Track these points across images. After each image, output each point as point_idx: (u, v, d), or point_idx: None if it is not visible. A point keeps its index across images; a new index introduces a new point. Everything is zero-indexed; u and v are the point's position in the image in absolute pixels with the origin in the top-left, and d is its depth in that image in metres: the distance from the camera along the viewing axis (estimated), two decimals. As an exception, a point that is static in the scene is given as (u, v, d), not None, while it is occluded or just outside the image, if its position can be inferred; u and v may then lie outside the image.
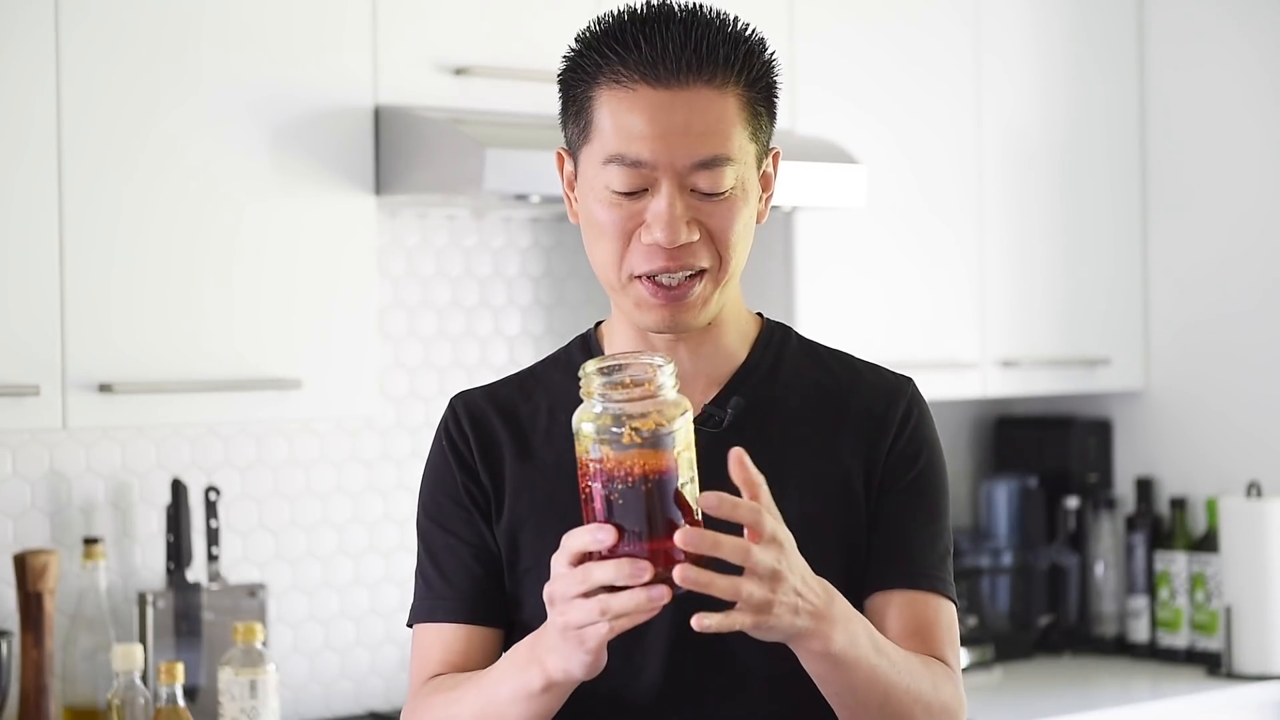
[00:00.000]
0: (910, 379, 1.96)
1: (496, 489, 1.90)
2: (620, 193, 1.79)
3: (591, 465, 1.59)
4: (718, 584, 1.57)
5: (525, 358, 3.70)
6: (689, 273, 1.81)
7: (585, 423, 1.60)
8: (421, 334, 3.61)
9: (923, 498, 1.90)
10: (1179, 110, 4.29)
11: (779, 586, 1.60)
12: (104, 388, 2.88)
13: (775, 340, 1.94)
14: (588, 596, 1.59)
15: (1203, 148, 4.26)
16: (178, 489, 3.23)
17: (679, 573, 1.55)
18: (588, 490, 1.60)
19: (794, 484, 1.84)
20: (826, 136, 3.66)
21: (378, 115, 3.17)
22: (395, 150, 3.15)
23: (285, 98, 3.07)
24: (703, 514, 1.59)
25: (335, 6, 3.13)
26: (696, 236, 1.79)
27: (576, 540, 1.61)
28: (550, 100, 3.34)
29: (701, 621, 1.57)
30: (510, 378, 2.00)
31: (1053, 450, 4.39)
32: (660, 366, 1.61)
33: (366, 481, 3.55)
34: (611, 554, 1.58)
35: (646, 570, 1.56)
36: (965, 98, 4.00)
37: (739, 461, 1.61)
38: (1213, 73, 4.25)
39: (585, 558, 1.60)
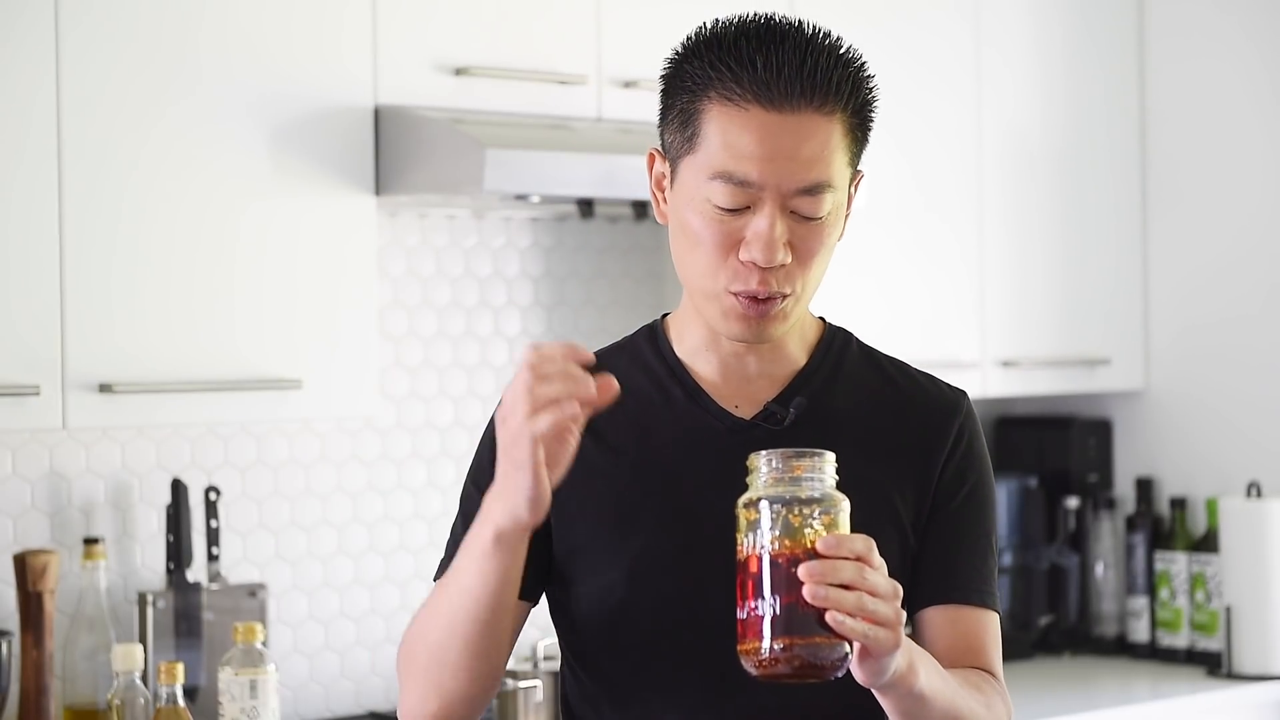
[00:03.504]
0: (964, 393, 2.01)
1: None
2: (723, 209, 1.83)
3: (784, 539, 1.65)
4: (845, 600, 1.62)
5: (525, 358, 3.70)
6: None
7: (778, 504, 1.66)
8: (421, 334, 3.61)
9: (974, 514, 1.96)
10: (1179, 110, 4.29)
11: (898, 609, 1.66)
12: (104, 388, 2.88)
13: (836, 345, 1.99)
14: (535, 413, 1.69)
15: (1203, 147, 4.26)
16: (178, 489, 3.23)
17: (807, 591, 1.62)
18: (759, 561, 1.66)
19: (849, 486, 1.87)
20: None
21: (377, 115, 3.17)
22: (395, 150, 3.15)
23: (285, 98, 3.07)
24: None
25: (335, 6, 3.13)
26: (790, 259, 1.84)
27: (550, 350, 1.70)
28: (550, 99, 3.36)
29: (835, 617, 1.62)
30: None
31: (1053, 450, 4.39)
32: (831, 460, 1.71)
33: (366, 481, 3.55)
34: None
35: (589, 384, 1.69)
36: (965, 97, 4.00)
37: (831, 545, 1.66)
38: (1213, 73, 4.25)
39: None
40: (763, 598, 1.65)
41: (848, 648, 1.65)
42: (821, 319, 2.02)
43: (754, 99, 1.82)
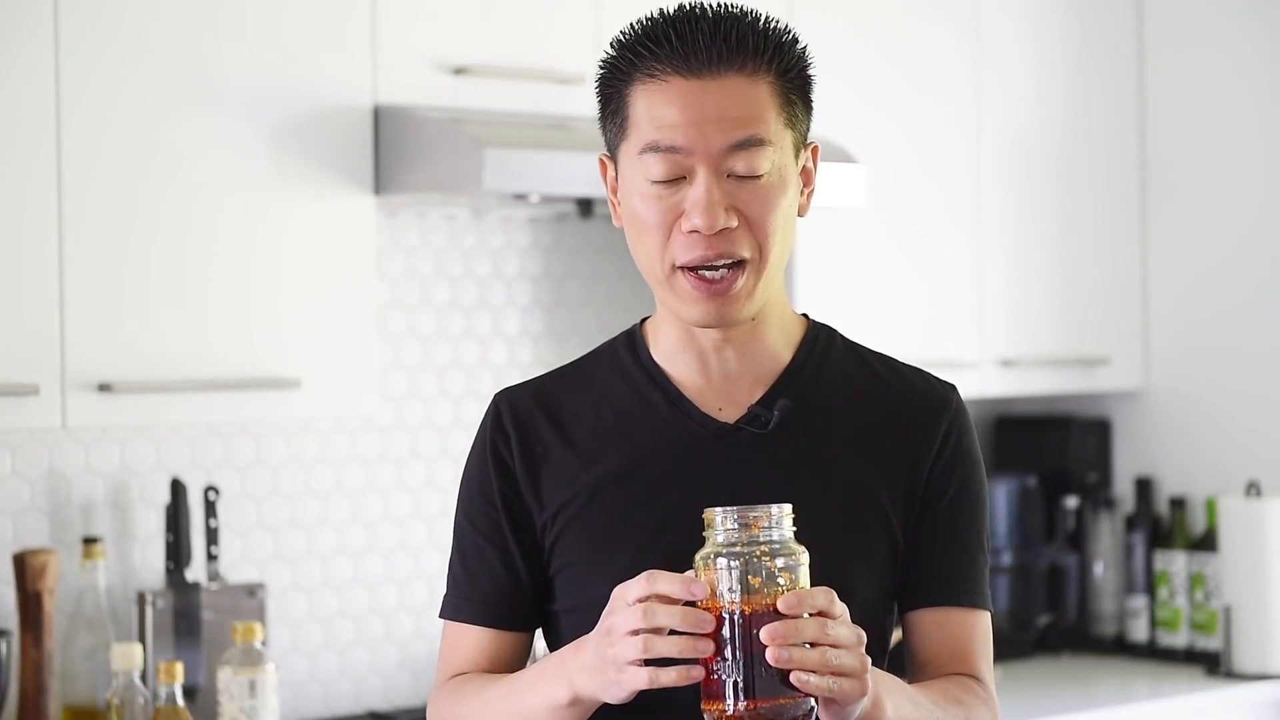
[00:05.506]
0: (954, 388, 1.97)
1: (536, 488, 1.90)
2: (659, 183, 1.81)
3: (744, 596, 1.64)
4: (809, 659, 1.61)
5: (524, 357, 3.70)
6: (730, 262, 1.81)
7: (736, 561, 1.65)
8: (420, 334, 3.61)
9: (965, 513, 1.93)
10: (1178, 110, 4.29)
11: (863, 656, 1.64)
12: (103, 387, 2.88)
13: (821, 342, 1.95)
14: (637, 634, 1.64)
15: (1201, 148, 4.26)
16: (177, 489, 3.23)
17: (770, 654, 1.60)
18: (719, 620, 1.64)
19: (837, 487, 1.86)
20: (826, 136, 3.66)
21: (377, 115, 3.17)
22: (394, 150, 3.15)
23: (284, 97, 3.07)
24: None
25: (334, 6, 3.13)
26: (735, 223, 1.80)
27: (665, 584, 1.64)
28: (550, 99, 3.36)
29: (799, 676, 1.61)
30: (554, 372, 2.00)
31: (1052, 450, 4.39)
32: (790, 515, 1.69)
33: (365, 481, 3.55)
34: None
35: (709, 624, 1.63)
36: (965, 97, 4.00)
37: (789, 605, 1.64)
38: (1211, 73, 4.25)
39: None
40: (724, 659, 1.63)
41: (813, 701, 1.63)
42: (805, 316, 1.98)
43: (673, 71, 1.80)
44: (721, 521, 1.65)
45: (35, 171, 2.85)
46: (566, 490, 1.89)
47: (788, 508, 1.66)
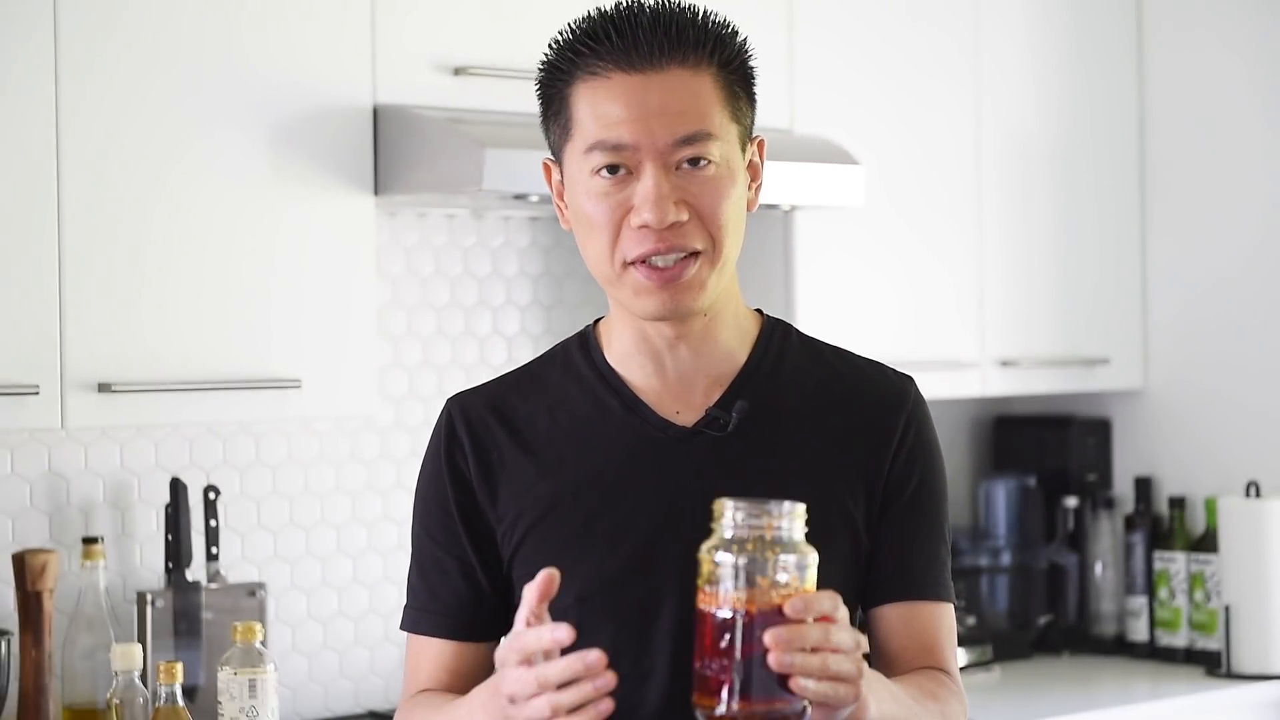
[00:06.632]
0: (911, 379, 1.95)
1: (493, 497, 1.89)
2: (606, 180, 1.79)
3: (749, 595, 1.60)
4: (811, 665, 1.58)
5: (524, 357, 3.70)
6: (681, 254, 1.80)
7: (742, 558, 1.61)
8: (420, 333, 3.61)
9: (926, 507, 1.91)
10: (1177, 110, 4.29)
11: (860, 661, 1.63)
12: (103, 387, 2.88)
13: (776, 339, 1.93)
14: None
15: (1201, 147, 4.26)
16: (177, 488, 3.23)
17: (773, 659, 1.57)
18: (721, 616, 1.61)
19: (797, 487, 1.83)
20: (825, 136, 3.66)
21: (376, 115, 3.17)
22: (394, 150, 3.15)
23: (284, 97, 3.07)
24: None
25: (334, 6, 3.13)
26: (685, 217, 1.79)
27: (534, 643, 1.60)
28: (549, 100, 3.36)
29: (799, 682, 1.58)
30: (506, 376, 1.98)
31: (1052, 450, 4.39)
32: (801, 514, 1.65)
33: (365, 481, 3.55)
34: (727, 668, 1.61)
35: (599, 664, 1.59)
36: (964, 97, 4.00)
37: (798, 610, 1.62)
38: (1211, 72, 4.25)
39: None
40: (722, 656, 1.60)
41: (807, 703, 1.61)
42: (759, 311, 1.96)
43: (615, 67, 1.79)
44: (731, 515, 1.62)
45: (35, 172, 2.85)
46: (524, 499, 1.87)
47: (800, 507, 1.63)
